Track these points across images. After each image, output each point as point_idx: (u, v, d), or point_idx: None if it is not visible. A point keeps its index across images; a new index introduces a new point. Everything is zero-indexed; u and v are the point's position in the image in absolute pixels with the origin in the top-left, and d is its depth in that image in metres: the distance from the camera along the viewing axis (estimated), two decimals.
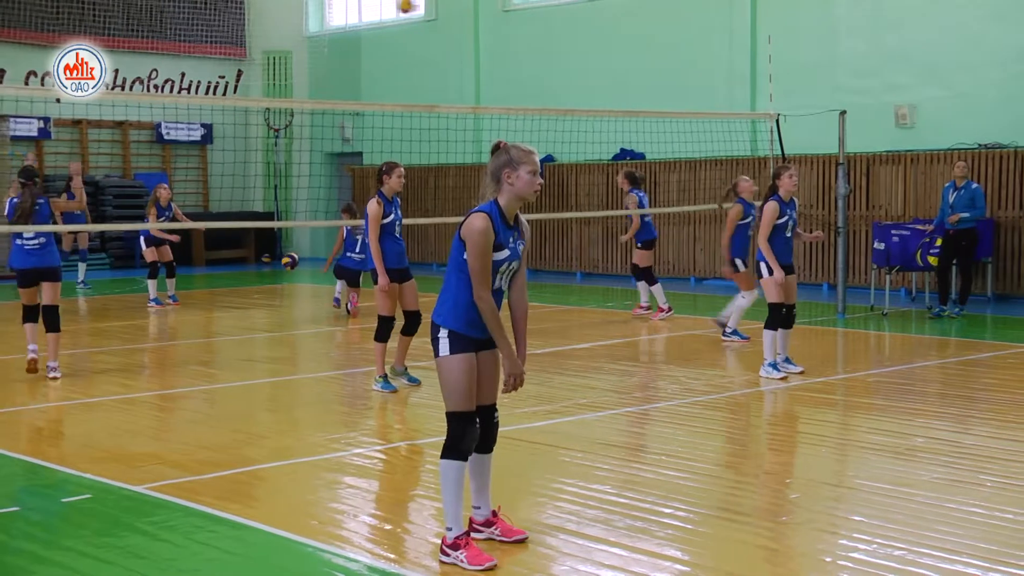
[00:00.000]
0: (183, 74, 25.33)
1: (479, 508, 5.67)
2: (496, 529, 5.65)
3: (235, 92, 25.89)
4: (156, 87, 24.85)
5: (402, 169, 9.71)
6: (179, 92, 25.09)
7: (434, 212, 22.02)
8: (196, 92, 25.30)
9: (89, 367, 11.20)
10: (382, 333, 9.65)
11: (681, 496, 6.45)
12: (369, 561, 5.41)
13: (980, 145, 16.61)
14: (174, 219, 16.26)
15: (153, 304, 16.18)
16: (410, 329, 9.75)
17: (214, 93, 25.58)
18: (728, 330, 12.29)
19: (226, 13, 25.97)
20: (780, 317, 10.19)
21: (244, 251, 25.35)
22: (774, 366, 10.12)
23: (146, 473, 6.98)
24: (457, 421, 5.38)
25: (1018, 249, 16.07)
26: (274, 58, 26.32)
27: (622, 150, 20.52)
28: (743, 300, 12.10)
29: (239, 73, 26.29)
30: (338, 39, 26.14)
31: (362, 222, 11.12)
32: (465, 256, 5.32)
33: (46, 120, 23.17)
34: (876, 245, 15.20)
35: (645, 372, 10.82)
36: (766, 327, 10.19)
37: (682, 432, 8.35)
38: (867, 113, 17.41)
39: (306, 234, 26.88)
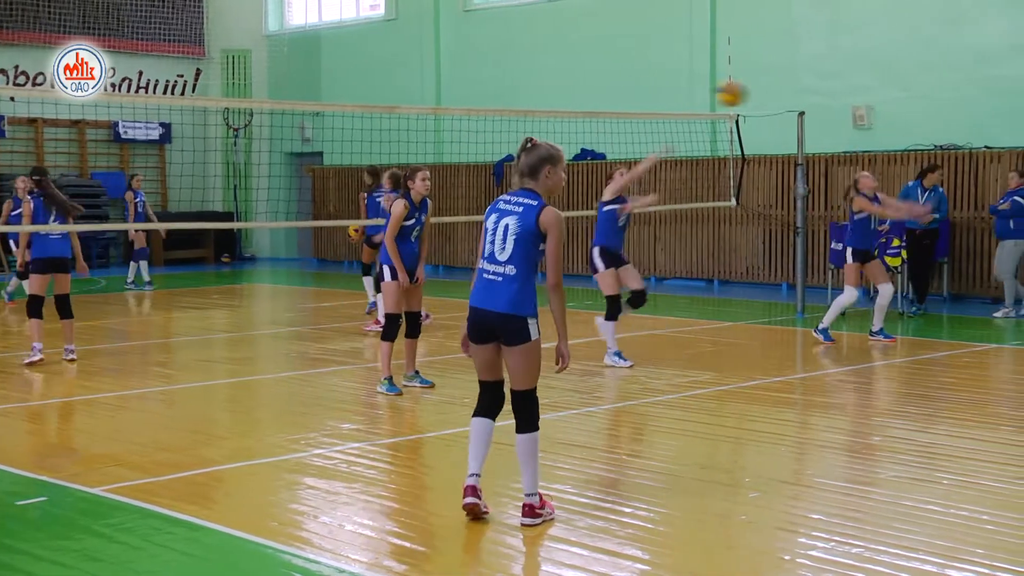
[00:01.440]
0: (140, 72, 25.10)
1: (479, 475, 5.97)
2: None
3: (194, 91, 25.69)
4: (113, 86, 24.59)
5: (426, 172, 9.63)
6: (137, 91, 24.85)
7: None
8: (154, 91, 25.08)
9: (45, 368, 11.06)
10: (390, 332, 9.60)
11: (642, 496, 6.46)
12: (330, 562, 5.38)
13: (936, 146, 16.80)
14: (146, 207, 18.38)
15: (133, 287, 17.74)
16: (414, 332, 9.77)
17: (172, 92, 25.38)
18: (874, 329, 12.44)
19: (184, 11, 25.76)
20: (617, 308, 10.81)
21: (203, 251, 25.17)
22: (619, 355, 10.74)
23: (103, 475, 6.91)
24: (535, 397, 5.96)
25: (973, 249, 16.26)
26: (233, 57, 26.15)
27: (583, 150, 20.56)
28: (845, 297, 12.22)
29: (197, 72, 26.09)
30: (298, 38, 26.01)
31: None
32: (543, 247, 5.86)
33: (0, 118, 22.88)
34: (833, 245, 15.32)
35: (606, 372, 10.84)
36: (607, 318, 10.82)
37: (643, 432, 8.37)
38: (825, 114, 17.55)
39: (266, 234, 26.72)
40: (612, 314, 10.92)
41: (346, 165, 23.46)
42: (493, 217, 5.90)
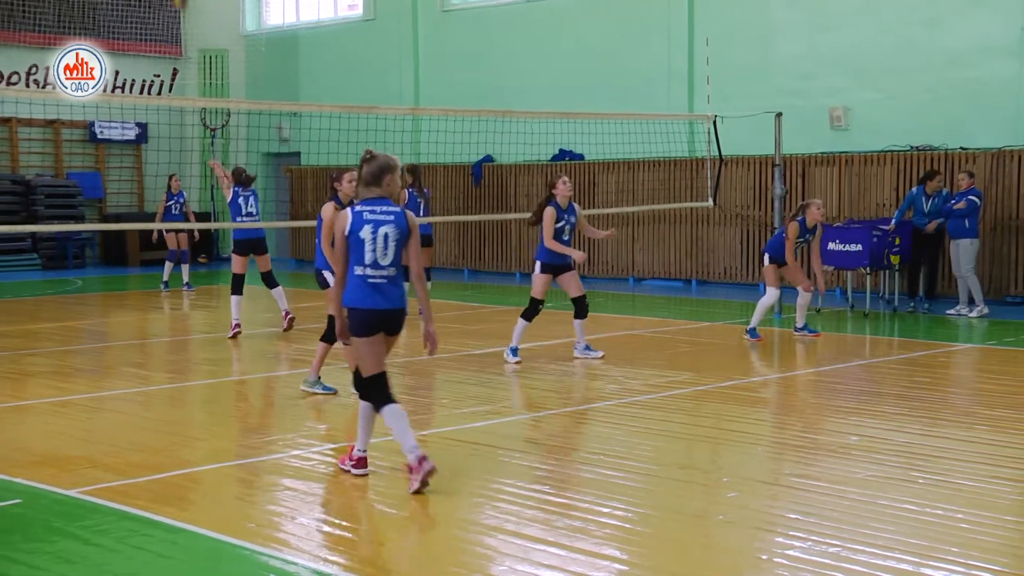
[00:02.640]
0: (117, 72, 24.93)
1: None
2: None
3: (170, 91, 25.58)
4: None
5: (353, 173, 9.05)
6: (113, 91, 24.69)
7: None
8: (130, 91, 24.94)
9: (20, 369, 11.00)
10: (330, 334, 9.46)
11: (619, 496, 6.47)
12: (307, 563, 5.36)
13: (912, 147, 16.90)
14: (186, 206, 18.84)
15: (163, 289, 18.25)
16: (332, 336, 9.44)
17: (149, 92, 25.25)
18: (798, 325, 12.81)
19: (161, 11, 25.63)
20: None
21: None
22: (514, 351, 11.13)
23: (79, 477, 6.87)
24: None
25: (942, 250, 16.33)
26: (210, 57, 26.04)
27: (561, 151, 20.58)
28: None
29: (174, 72, 25.97)
30: (275, 38, 25.92)
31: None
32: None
33: None
34: (831, 246, 15.16)
35: (584, 372, 10.86)
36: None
37: (620, 432, 8.38)
38: (803, 115, 17.62)
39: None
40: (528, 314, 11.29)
41: (324, 165, 23.41)
42: (368, 228, 6.49)
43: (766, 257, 12.77)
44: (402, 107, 20.69)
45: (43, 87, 22.99)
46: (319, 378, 9.51)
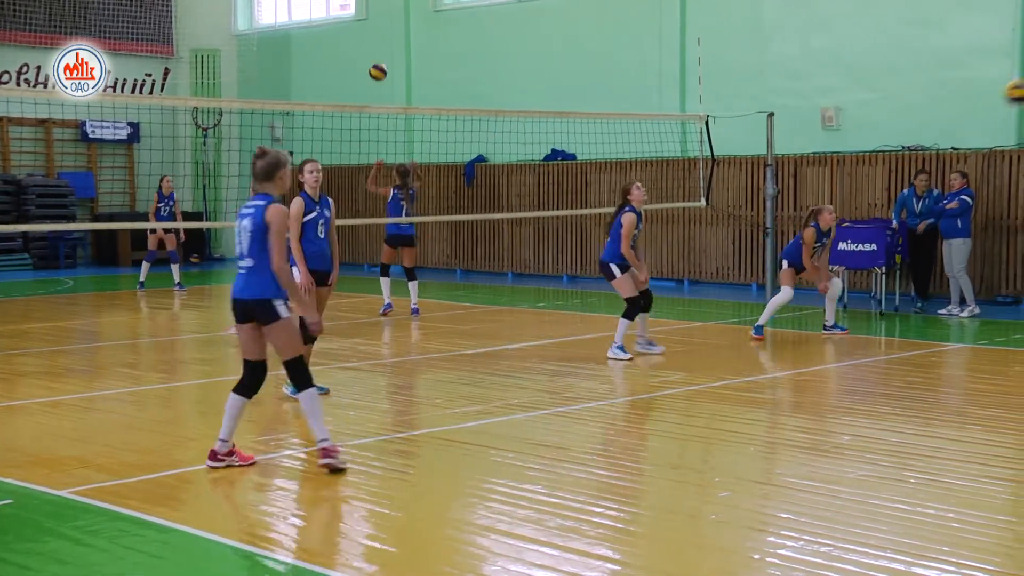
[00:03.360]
0: (108, 72, 24.88)
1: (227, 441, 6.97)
2: (235, 458, 6.97)
3: (162, 90, 25.52)
4: None
5: (316, 163, 9.36)
6: (105, 90, 24.60)
7: (365, 213, 21.90)
8: (122, 90, 24.86)
9: (11, 369, 10.97)
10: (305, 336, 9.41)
11: (612, 495, 6.48)
12: (299, 563, 5.36)
13: (904, 147, 16.93)
14: (176, 207, 18.65)
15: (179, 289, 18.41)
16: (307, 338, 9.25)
17: (141, 91, 25.17)
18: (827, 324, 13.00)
19: (153, 10, 25.56)
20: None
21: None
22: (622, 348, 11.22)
23: (70, 477, 6.85)
24: (301, 364, 7.11)
25: (940, 249, 16.36)
26: (202, 56, 25.98)
27: (553, 151, 20.59)
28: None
29: (166, 71, 25.91)
30: (267, 37, 25.89)
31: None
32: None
33: None
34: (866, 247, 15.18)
35: (576, 372, 10.86)
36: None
37: (612, 432, 8.39)
38: (795, 115, 17.64)
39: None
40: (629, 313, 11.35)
41: None
42: (237, 222, 6.90)
43: (784, 263, 12.84)
44: (394, 107, 20.67)
45: (34, 86, 22.95)
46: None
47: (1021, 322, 14.21)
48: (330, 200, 9.54)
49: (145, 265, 18.66)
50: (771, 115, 15.06)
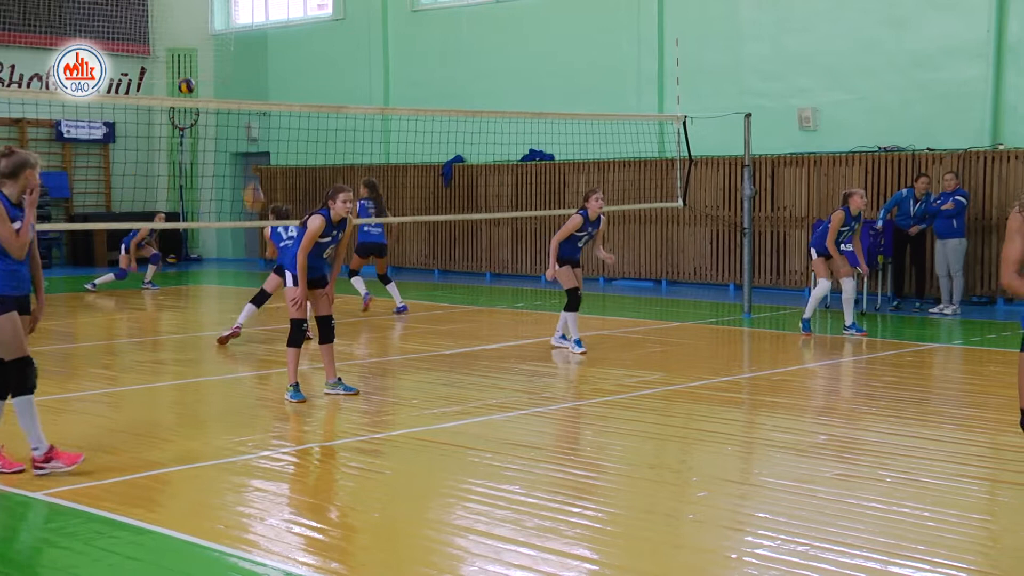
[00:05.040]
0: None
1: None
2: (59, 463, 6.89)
3: (138, 90, 25.39)
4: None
5: (349, 193, 9.32)
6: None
7: None
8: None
9: None
10: (296, 338, 9.42)
11: (590, 496, 6.48)
12: (277, 564, 5.34)
13: (880, 148, 17.02)
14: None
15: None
16: (327, 337, 9.41)
17: (116, 91, 25.02)
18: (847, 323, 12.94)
19: (129, 9, 25.41)
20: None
21: (147, 252, 24.82)
22: (578, 342, 11.68)
23: (45, 479, 6.80)
24: (21, 367, 7.28)
25: (916, 250, 16.45)
26: (179, 56, 25.86)
27: (531, 151, 20.60)
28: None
29: (142, 71, 25.78)
30: (244, 37, 25.79)
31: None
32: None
33: None
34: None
35: (554, 372, 10.87)
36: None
37: (590, 432, 8.39)
38: (772, 116, 17.71)
39: (212, 235, 26.48)
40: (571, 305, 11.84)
41: (293, 165, 23.35)
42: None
43: (812, 252, 12.94)
44: (372, 107, 20.62)
45: (8, 86, 22.79)
46: (298, 384, 9.38)
47: (996, 322, 14.31)
48: (347, 221, 9.43)
49: (109, 276, 18.43)
50: (748, 116, 15.10)
